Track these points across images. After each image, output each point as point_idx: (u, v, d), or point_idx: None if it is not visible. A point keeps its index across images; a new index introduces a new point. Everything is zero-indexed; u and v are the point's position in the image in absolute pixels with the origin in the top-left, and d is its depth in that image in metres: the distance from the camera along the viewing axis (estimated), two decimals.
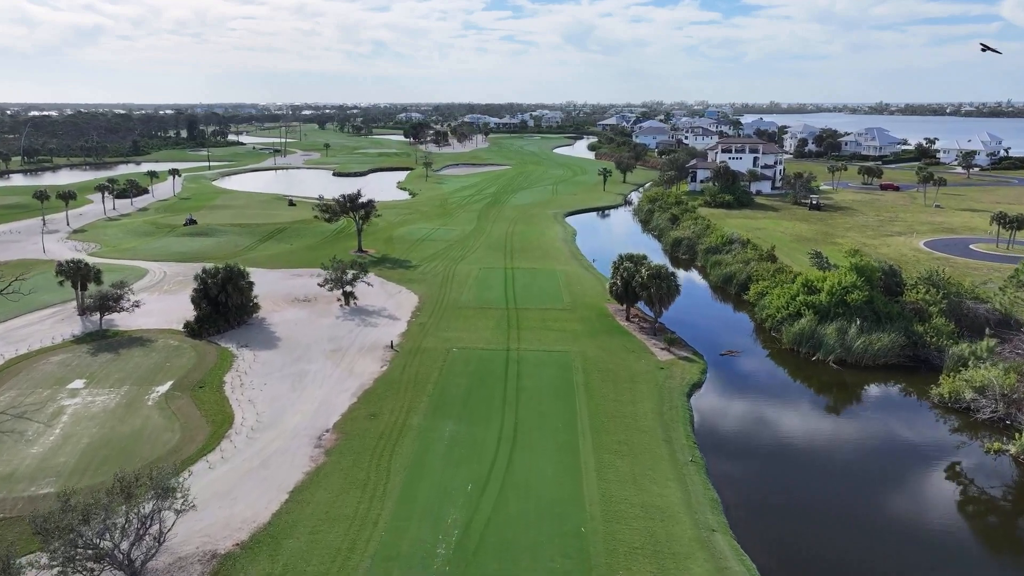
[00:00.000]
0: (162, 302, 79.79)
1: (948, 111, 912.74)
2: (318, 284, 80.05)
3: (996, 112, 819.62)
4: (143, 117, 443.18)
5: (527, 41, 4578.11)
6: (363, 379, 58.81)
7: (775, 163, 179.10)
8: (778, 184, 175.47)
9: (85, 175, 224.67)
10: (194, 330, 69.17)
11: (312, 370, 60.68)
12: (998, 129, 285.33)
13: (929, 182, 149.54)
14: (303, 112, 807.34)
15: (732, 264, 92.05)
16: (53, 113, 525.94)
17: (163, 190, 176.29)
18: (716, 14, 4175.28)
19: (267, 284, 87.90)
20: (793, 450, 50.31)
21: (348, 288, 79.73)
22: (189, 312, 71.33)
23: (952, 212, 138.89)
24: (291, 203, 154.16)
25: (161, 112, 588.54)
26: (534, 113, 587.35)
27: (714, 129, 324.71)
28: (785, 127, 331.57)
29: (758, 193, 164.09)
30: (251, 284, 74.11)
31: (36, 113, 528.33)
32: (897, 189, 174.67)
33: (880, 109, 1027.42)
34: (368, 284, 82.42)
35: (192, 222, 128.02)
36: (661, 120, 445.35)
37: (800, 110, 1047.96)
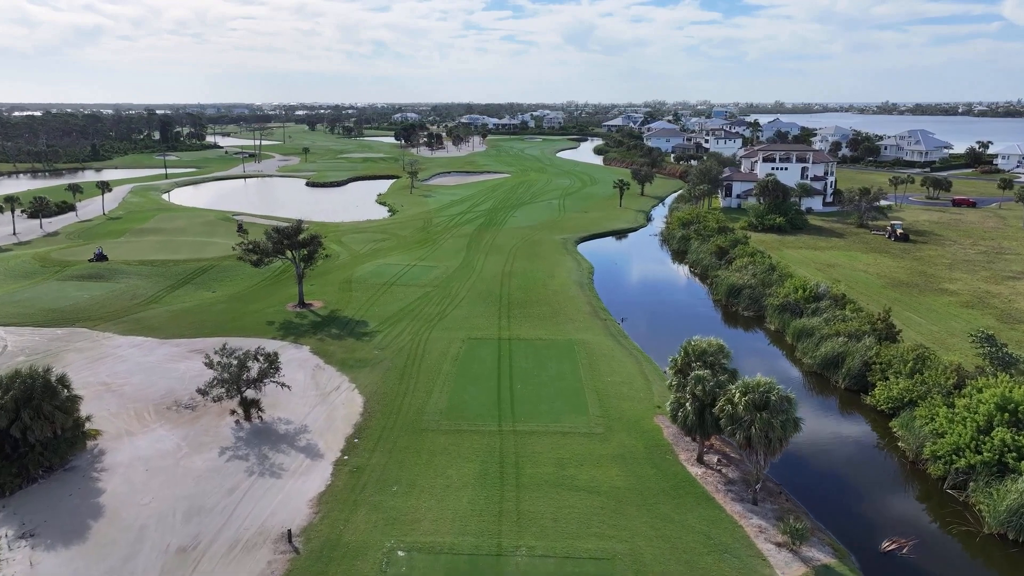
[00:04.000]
0: None
1: (960, 111, 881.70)
2: (198, 390, 50.26)
3: (1011, 112, 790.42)
4: (114, 118, 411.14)
5: (527, 41, 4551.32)
6: None
7: (825, 174, 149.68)
8: (829, 199, 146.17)
9: (33, 184, 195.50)
10: None
11: None
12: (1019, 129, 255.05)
13: None
14: (297, 112, 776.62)
15: (831, 339, 62.33)
16: (38, 113, 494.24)
17: (97, 206, 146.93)
18: (717, 14, 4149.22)
19: (143, 371, 58.75)
20: None
21: (250, 393, 50.42)
22: None
23: None
24: (240, 228, 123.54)
25: (145, 112, 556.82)
26: (535, 113, 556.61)
27: (734, 131, 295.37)
28: (811, 129, 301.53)
29: (808, 211, 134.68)
30: (73, 400, 44.71)
31: (20, 113, 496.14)
32: (973, 205, 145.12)
33: (888, 109, 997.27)
34: (283, 387, 51.99)
35: (101, 257, 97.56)
36: (670, 120, 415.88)
37: (806, 110, 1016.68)
